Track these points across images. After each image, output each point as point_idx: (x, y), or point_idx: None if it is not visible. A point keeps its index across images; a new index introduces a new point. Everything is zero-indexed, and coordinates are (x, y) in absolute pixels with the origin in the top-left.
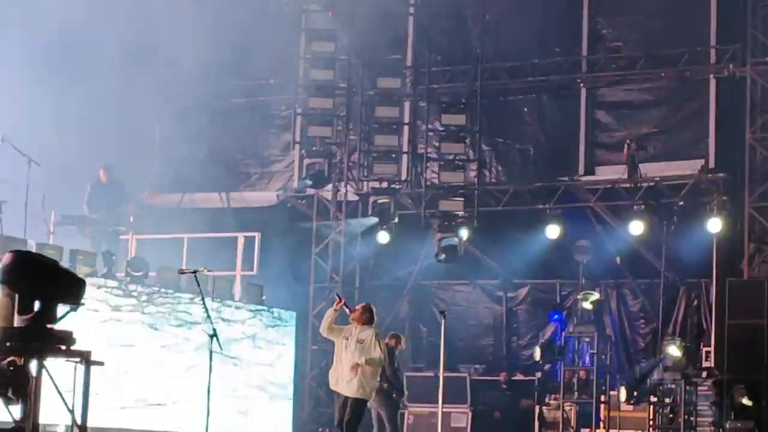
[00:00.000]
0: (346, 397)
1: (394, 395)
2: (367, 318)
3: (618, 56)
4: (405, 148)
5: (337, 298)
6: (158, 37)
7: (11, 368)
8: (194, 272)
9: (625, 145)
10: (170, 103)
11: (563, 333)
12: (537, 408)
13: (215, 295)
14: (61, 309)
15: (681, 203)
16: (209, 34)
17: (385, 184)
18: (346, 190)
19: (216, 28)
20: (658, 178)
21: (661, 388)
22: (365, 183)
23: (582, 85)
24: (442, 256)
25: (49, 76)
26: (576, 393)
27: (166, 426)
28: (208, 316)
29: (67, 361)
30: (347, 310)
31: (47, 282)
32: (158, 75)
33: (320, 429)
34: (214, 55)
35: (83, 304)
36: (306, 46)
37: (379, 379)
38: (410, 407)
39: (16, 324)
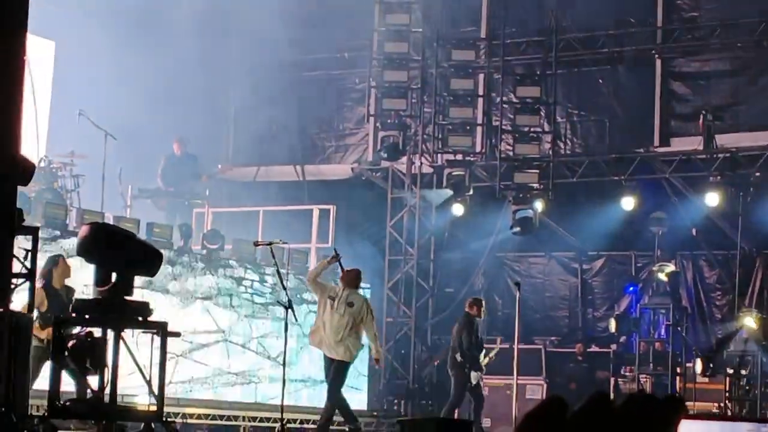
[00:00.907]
0: (331, 359)
1: (466, 369)
2: (358, 283)
3: (693, 26)
4: (480, 121)
5: (335, 253)
6: (234, 11)
7: (89, 339)
8: (269, 244)
9: (701, 116)
10: (246, 77)
11: (639, 305)
12: (612, 380)
13: (290, 267)
14: (138, 281)
15: (757, 174)
16: (285, 8)
17: (459, 157)
18: (421, 163)
19: (291, 2)
20: (734, 149)
21: (737, 359)
22: (440, 155)
23: (657, 55)
24: (517, 229)
25: (125, 50)
26: (651, 365)
27: (242, 396)
28: (284, 288)
29: (144, 332)
30: (340, 270)
31: (124, 254)
32: (234, 48)
33: (395, 400)
34: (289, 29)
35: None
36: (380, 19)
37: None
38: (486, 379)
39: (93, 296)
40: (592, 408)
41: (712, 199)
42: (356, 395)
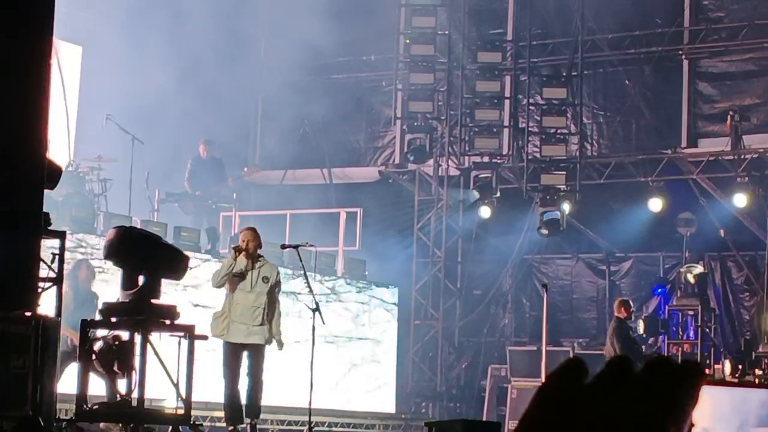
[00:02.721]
0: (247, 349)
1: None
2: (259, 243)
3: (720, 27)
4: (506, 122)
5: (234, 252)
6: (261, 14)
7: (116, 343)
8: (296, 247)
9: (728, 117)
10: (272, 80)
11: (667, 306)
12: None
13: (318, 270)
14: (165, 283)
15: None
16: (311, 11)
17: (486, 159)
18: (448, 165)
19: (317, 5)
20: (762, 150)
21: (766, 360)
22: (467, 157)
23: (684, 56)
24: (545, 230)
25: (152, 54)
26: None
27: (269, 399)
28: (311, 291)
29: (172, 335)
30: (243, 254)
31: (151, 257)
32: (261, 52)
33: (423, 403)
34: (315, 32)
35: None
36: (406, 22)
37: None
38: (513, 381)
39: (120, 299)
40: (612, 372)
41: (740, 199)
42: (385, 398)
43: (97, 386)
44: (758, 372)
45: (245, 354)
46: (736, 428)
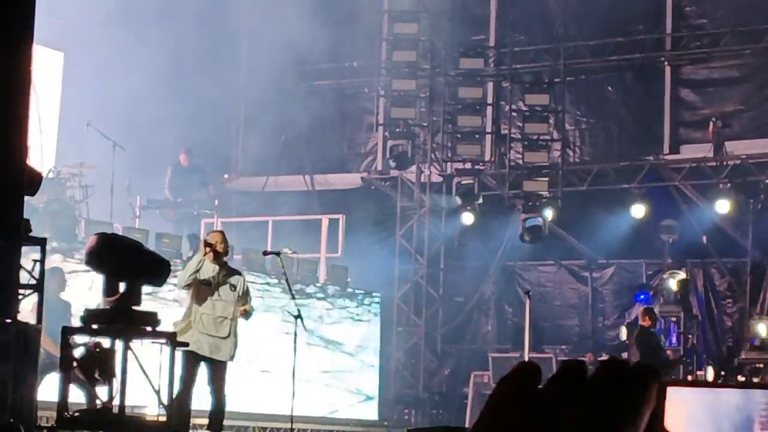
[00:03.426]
0: (213, 362)
1: None
2: (227, 249)
3: (702, 33)
4: (488, 129)
5: (204, 248)
6: (242, 21)
7: (97, 350)
8: (278, 254)
9: (711, 123)
10: (254, 87)
11: None
12: None
13: (300, 277)
14: (146, 290)
15: (767, 181)
16: (293, 17)
17: (468, 165)
18: (430, 172)
19: (299, 11)
20: (744, 156)
21: (748, 367)
22: (449, 164)
23: (666, 63)
24: (527, 237)
25: (133, 61)
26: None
27: (251, 406)
28: (293, 298)
29: (153, 342)
30: (211, 256)
31: (132, 264)
32: (242, 58)
33: (406, 410)
34: (297, 38)
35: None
36: (389, 28)
37: None
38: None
39: (101, 306)
40: (566, 376)
41: (723, 206)
42: (367, 405)
43: (78, 394)
44: (741, 378)
45: (205, 365)
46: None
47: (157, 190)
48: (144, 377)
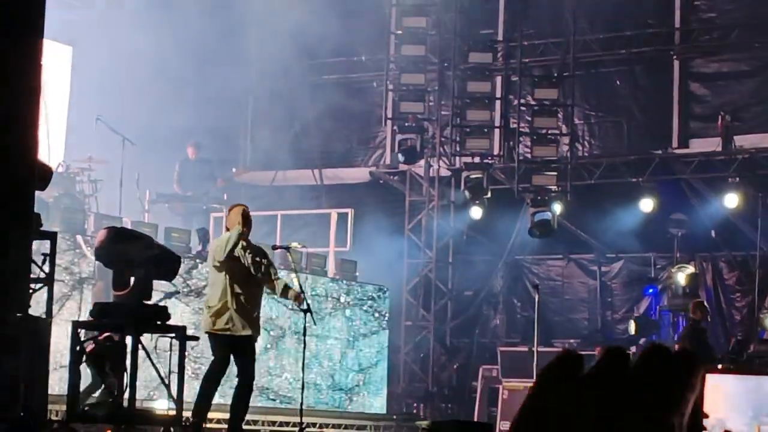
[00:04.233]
0: (248, 339)
1: None
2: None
3: (712, 27)
4: (497, 123)
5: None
6: (251, 15)
7: (107, 344)
8: (287, 248)
9: (720, 117)
10: (262, 81)
11: (658, 307)
12: None
13: (309, 271)
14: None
15: None
16: (302, 11)
17: (477, 159)
18: (439, 166)
19: (308, 5)
20: (753, 150)
21: (758, 361)
22: (457, 158)
23: (675, 56)
24: (536, 231)
25: (142, 55)
26: None
27: (260, 400)
28: (302, 292)
29: (162, 336)
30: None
31: (142, 258)
32: (251, 52)
33: (415, 404)
34: (306, 32)
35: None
36: (397, 22)
37: None
38: (504, 382)
39: (111, 300)
40: (609, 363)
41: (731, 200)
42: (376, 399)
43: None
44: None
45: (236, 344)
46: (750, 418)
47: (166, 185)
48: (154, 371)
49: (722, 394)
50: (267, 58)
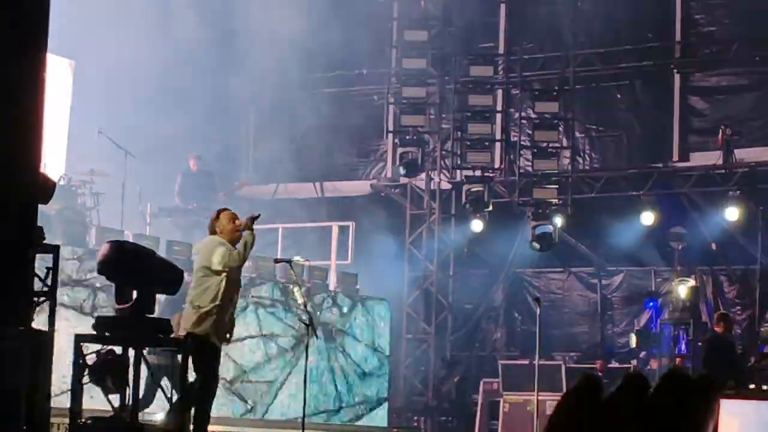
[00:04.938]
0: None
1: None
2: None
3: (711, 41)
4: (498, 136)
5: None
6: (252, 27)
7: (109, 357)
8: (289, 261)
9: (720, 131)
10: (264, 94)
11: (659, 320)
12: None
13: (310, 284)
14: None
15: None
16: (303, 24)
17: (478, 173)
18: (440, 179)
19: (309, 18)
20: (753, 163)
21: (759, 375)
22: (458, 171)
23: (675, 70)
24: (537, 244)
25: (143, 68)
26: None
27: (261, 413)
28: (304, 305)
29: (164, 349)
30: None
31: (145, 271)
32: (252, 65)
33: (415, 417)
34: (307, 45)
35: None
36: (398, 36)
37: None
38: (505, 395)
39: (113, 313)
40: (629, 388)
41: (732, 213)
42: (376, 412)
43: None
44: (751, 386)
45: None
46: None
47: (168, 198)
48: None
49: (734, 418)
50: (268, 70)
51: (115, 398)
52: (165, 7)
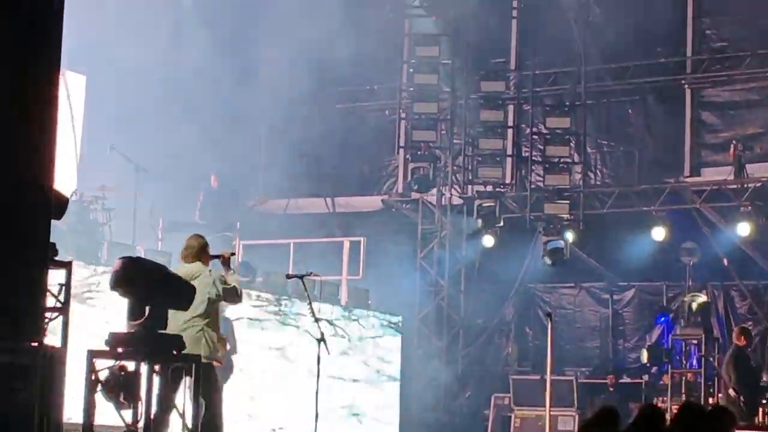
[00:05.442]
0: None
1: (741, 404)
2: None
3: (723, 56)
4: (509, 152)
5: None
6: (263, 44)
7: (122, 373)
8: (301, 277)
9: (732, 146)
10: (275, 110)
11: (670, 335)
12: None
13: (322, 299)
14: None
15: None
16: (314, 40)
17: (489, 188)
18: (451, 194)
19: (321, 33)
20: (765, 179)
21: None
22: (470, 187)
23: (687, 85)
24: (548, 259)
25: (156, 84)
26: (684, 396)
27: (276, 427)
28: (316, 320)
29: (177, 365)
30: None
31: (157, 287)
32: (263, 81)
33: None
34: (319, 61)
35: None
36: (410, 51)
37: None
38: (516, 410)
39: (126, 329)
40: (645, 420)
41: (743, 228)
42: (388, 427)
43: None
44: (763, 402)
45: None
46: None
47: (179, 213)
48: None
49: None
50: (279, 86)
51: (127, 414)
52: (176, 23)
